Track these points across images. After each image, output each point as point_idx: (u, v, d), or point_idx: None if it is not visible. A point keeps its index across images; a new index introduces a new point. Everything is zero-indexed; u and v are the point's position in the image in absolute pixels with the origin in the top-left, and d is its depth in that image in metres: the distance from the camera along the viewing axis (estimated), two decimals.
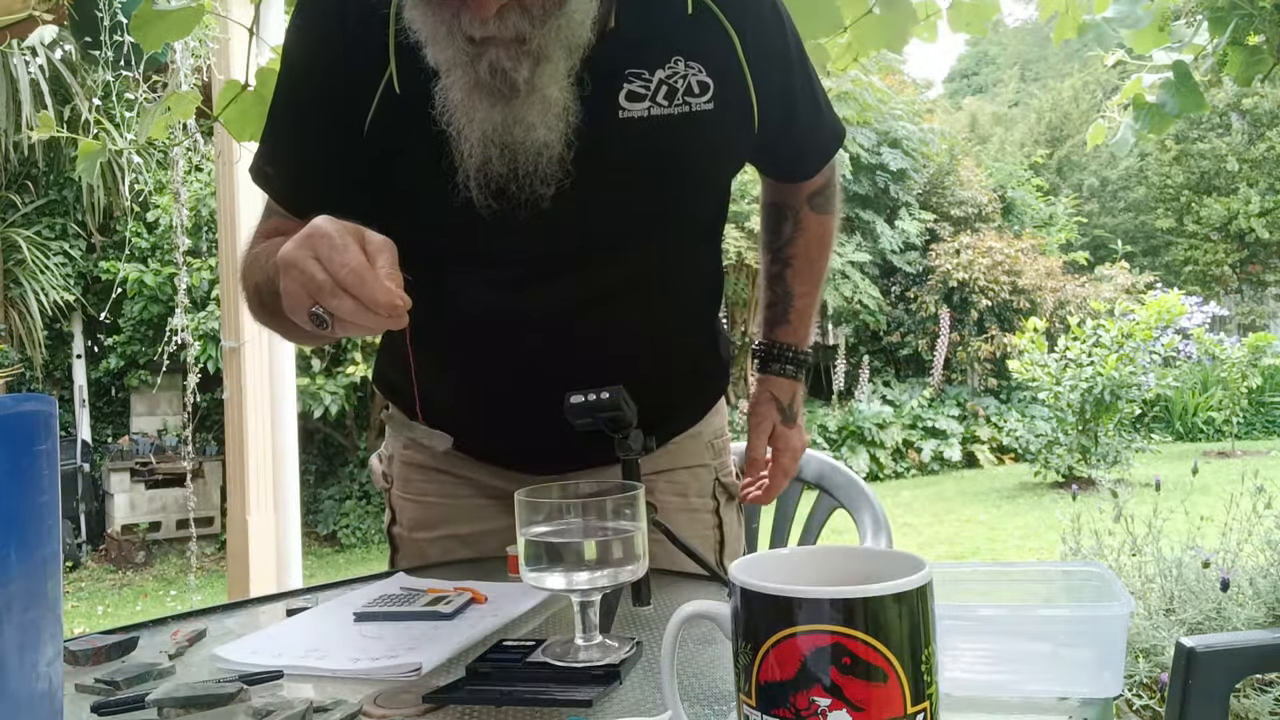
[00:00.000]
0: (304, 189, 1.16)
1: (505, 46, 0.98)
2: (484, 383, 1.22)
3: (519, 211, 1.07)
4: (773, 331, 1.40)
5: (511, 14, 0.97)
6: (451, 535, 1.34)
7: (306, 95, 1.15)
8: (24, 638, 0.56)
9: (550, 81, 1.01)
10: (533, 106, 1.01)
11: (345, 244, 0.87)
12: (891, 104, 11.04)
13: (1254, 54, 2.64)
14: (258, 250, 1.13)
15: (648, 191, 1.13)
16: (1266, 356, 9.21)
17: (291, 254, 0.89)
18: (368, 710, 0.77)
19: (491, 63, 0.98)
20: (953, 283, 10.49)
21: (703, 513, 1.37)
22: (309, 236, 0.89)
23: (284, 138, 1.18)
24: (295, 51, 1.17)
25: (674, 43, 1.10)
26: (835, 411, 9.84)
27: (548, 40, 0.99)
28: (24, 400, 0.58)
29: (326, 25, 1.11)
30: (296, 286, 0.89)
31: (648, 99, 1.09)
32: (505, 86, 1.00)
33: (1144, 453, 7.79)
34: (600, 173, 1.07)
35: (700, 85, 1.11)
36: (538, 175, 1.05)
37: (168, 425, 8.19)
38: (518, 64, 0.99)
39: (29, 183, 7.66)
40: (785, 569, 0.63)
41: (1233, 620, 2.90)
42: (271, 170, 1.18)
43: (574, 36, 1.01)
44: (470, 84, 1.00)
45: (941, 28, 2.45)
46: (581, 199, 1.07)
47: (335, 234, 0.88)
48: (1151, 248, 17.56)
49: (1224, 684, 1.25)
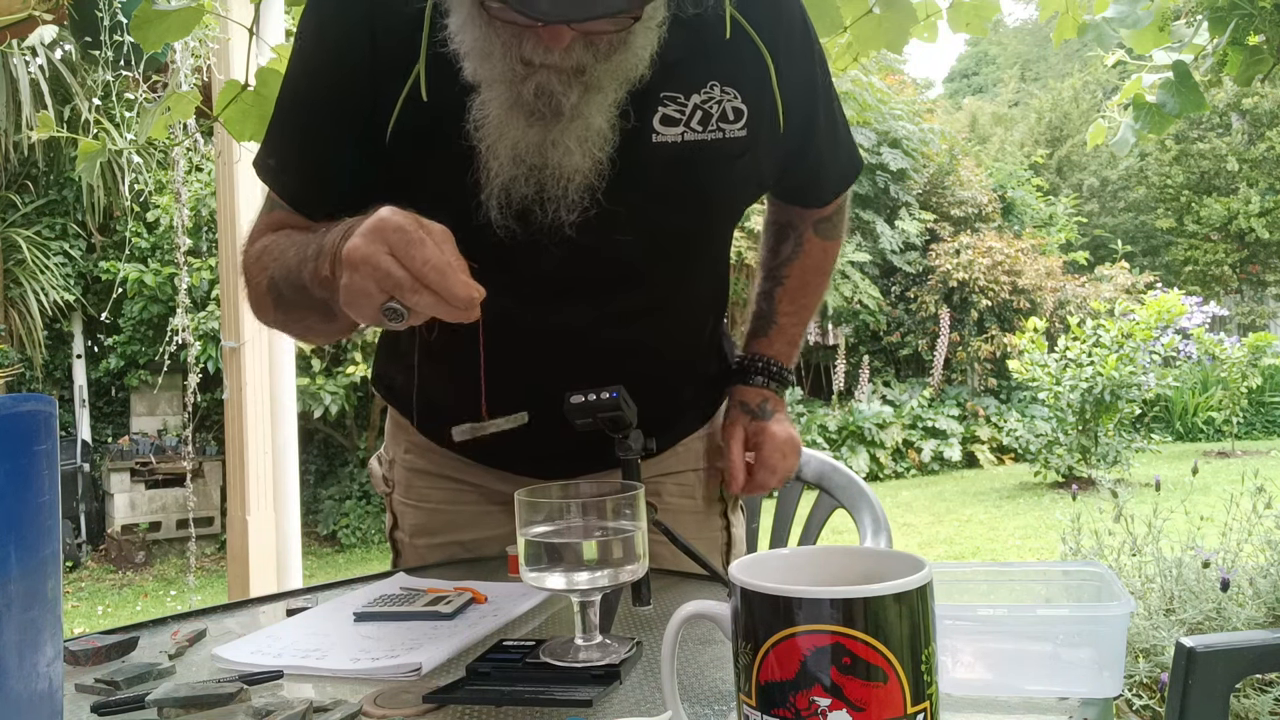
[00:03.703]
0: (314, 190, 1.13)
1: (560, 73, 0.96)
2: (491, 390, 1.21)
3: (539, 237, 1.05)
4: (751, 344, 1.38)
5: (577, 46, 0.95)
6: (454, 541, 1.33)
7: (324, 96, 1.11)
8: (24, 638, 0.56)
9: (597, 111, 0.99)
10: (573, 132, 0.99)
11: (421, 238, 0.85)
12: (891, 104, 11.03)
13: (1254, 54, 2.64)
14: (268, 243, 1.10)
15: (675, 217, 1.11)
16: (1266, 356, 9.21)
17: (363, 249, 0.86)
18: (368, 710, 0.77)
19: (540, 85, 0.96)
20: (953, 283, 10.49)
21: (711, 514, 1.36)
22: (378, 230, 0.86)
23: (296, 136, 1.14)
24: (315, 51, 1.12)
25: (711, 67, 1.08)
26: (835, 411, 9.84)
27: (604, 72, 0.98)
28: (24, 400, 0.58)
29: (352, 27, 1.08)
30: (369, 283, 0.86)
31: (682, 124, 1.07)
32: (548, 109, 0.97)
33: (1144, 453, 7.79)
34: (629, 198, 1.05)
35: (735, 111, 1.09)
36: (565, 201, 1.03)
37: (168, 425, 8.19)
38: (568, 89, 0.97)
39: (29, 183, 7.66)
40: (785, 569, 0.63)
41: (1233, 620, 2.89)
42: (274, 164, 1.15)
43: (630, 70, 1.00)
44: (511, 101, 0.98)
45: (941, 28, 2.44)
46: (606, 225, 1.05)
47: (409, 227, 0.85)
48: (1151, 248, 17.56)
49: (1224, 684, 1.25)
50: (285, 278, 1.04)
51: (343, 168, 1.11)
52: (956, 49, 49.70)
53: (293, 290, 1.03)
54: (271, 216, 1.15)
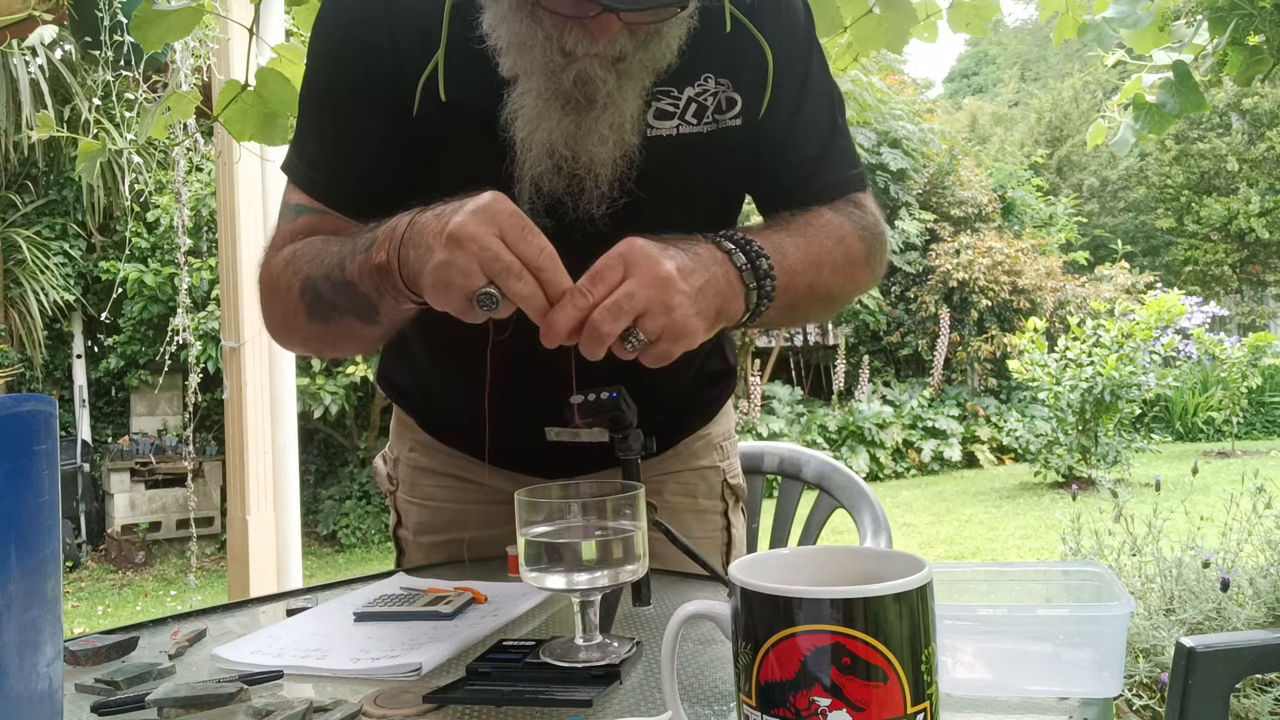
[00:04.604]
0: (347, 185, 1.11)
1: (601, 60, 0.96)
2: (496, 388, 1.21)
3: (569, 230, 1.04)
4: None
5: (621, 35, 0.96)
6: (457, 539, 1.33)
7: (348, 86, 1.09)
8: (24, 638, 0.56)
9: (631, 98, 1.00)
10: (606, 119, 0.99)
11: (534, 227, 0.85)
12: (891, 104, 11.03)
13: (1254, 54, 2.64)
14: (296, 249, 1.07)
15: (677, 209, 1.11)
16: (1266, 356, 9.21)
17: (472, 228, 0.84)
18: (368, 710, 0.77)
19: (580, 73, 0.96)
20: (953, 283, 10.49)
21: (711, 514, 1.36)
22: (492, 212, 0.84)
23: (328, 130, 1.12)
24: (336, 40, 1.11)
25: (704, 59, 1.08)
26: (835, 411, 9.84)
27: (641, 61, 0.98)
28: (24, 400, 0.58)
29: (370, 10, 1.07)
30: (472, 262, 0.84)
31: (676, 117, 1.07)
32: (584, 98, 0.97)
33: (1144, 453, 7.79)
34: (632, 191, 1.05)
35: (728, 101, 1.09)
36: (596, 192, 1.03)
37: (168, 425, 8.19)
38: (605, 76, 0.97)
39: (29, 183, 7.66)
40: (785, 569, 0.63)
41: (1233, 620, 2.89)
42: (305, 164, 1.13)
43: (662, 60, 1.00)
44: (550, 92, 0.98)
45: (941, 28, 2.44)
46: (619, 218, 1.05)
47: (522, 214, 0.85)
48: (1151, 248, 17.56)
49: (1224, 684, 1.25)
50: (325, 276, 1.01)
51: (378, 160, 1.10)
52: (956, 49, 49.73)
53: (333, 289, 1.00)
54: (297, 224, 1.12)
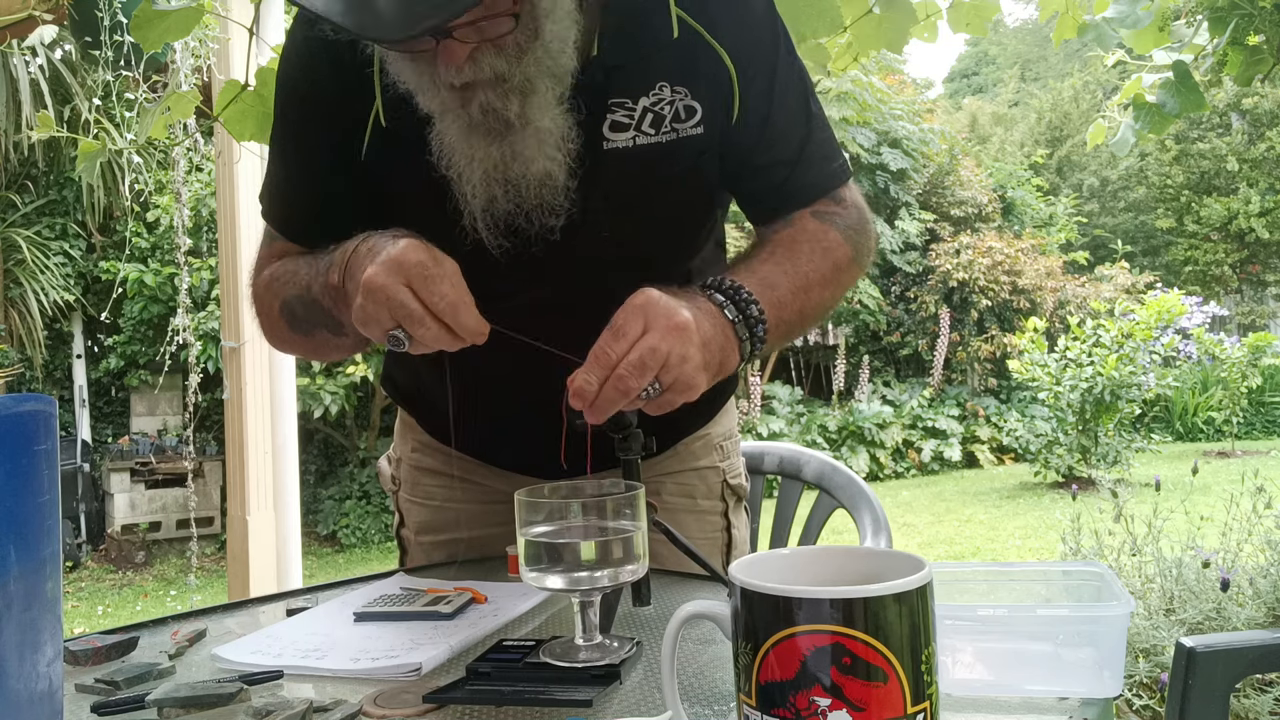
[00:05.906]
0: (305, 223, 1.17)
1: (489, 87, 0.97)
2: (491, 395, 1.21)
3: (531, 245, 1.06)
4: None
5: (485, 55, 0.95)
6: (458, 539, 1.34)
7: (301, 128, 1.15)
8: (24, 638, 0.56)
9: (541, 113, 1.00)
10: (528, 140, 1.00)
11: (440, 274, 0.90)
12: (891, 104, 11.04)
13: (1254, 54, 2.64)
14: (275, 270, 1.14)
15: (646, 219, 1.12)
16: (1266, 356, 9.20)
17: (380, 279, 0.90)
18: (368, 710, 0.77)
19: (482, 103, 0.97)
20: (953, 283, 10.49)
21: (710, 515, 1.36)
22: (399, 263, 0.91)
23: (282, 170, 1.19)
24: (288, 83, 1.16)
25: (658, 68, 1.07)
26: (835, 411, 9.84)
27: (529, 73, 0.97)
28: (24, 400, 0.58)
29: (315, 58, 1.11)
30: (382, 311, 0.91)
31: (632, 128, 1.07)
32: (499, 124, 0.99)
33: (1144, 453, 7.79)
34: (595, 204, 1.07)
35: (687, 110, 1.08)
36: (544, 207, 1.04)
37: (168, 425, 8.19)
38: (506, 101, 0.97)
39: (29, 183, 7.66)
40: (785, 569, 0.63)
41: (1233, 620, 2.90)
42: (267, 200, 1.20)
43: (556, 65, 0.99)
44: (465, 126, 0.99)
45: (941, 28, 2.45)
46: (587, 229, 1.07)
47: (428, 263, 0.90)
48: (1151, 248, 17.56)
49: (1224, 684, 1.25)
50: (298, 297, 1.08)
51: (331, 199, 1.15)
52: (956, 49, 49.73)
53: (305, 307, 1.07)
54: (273, 248, 1.19)
